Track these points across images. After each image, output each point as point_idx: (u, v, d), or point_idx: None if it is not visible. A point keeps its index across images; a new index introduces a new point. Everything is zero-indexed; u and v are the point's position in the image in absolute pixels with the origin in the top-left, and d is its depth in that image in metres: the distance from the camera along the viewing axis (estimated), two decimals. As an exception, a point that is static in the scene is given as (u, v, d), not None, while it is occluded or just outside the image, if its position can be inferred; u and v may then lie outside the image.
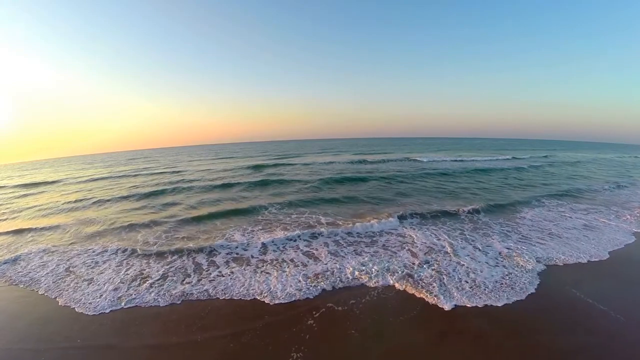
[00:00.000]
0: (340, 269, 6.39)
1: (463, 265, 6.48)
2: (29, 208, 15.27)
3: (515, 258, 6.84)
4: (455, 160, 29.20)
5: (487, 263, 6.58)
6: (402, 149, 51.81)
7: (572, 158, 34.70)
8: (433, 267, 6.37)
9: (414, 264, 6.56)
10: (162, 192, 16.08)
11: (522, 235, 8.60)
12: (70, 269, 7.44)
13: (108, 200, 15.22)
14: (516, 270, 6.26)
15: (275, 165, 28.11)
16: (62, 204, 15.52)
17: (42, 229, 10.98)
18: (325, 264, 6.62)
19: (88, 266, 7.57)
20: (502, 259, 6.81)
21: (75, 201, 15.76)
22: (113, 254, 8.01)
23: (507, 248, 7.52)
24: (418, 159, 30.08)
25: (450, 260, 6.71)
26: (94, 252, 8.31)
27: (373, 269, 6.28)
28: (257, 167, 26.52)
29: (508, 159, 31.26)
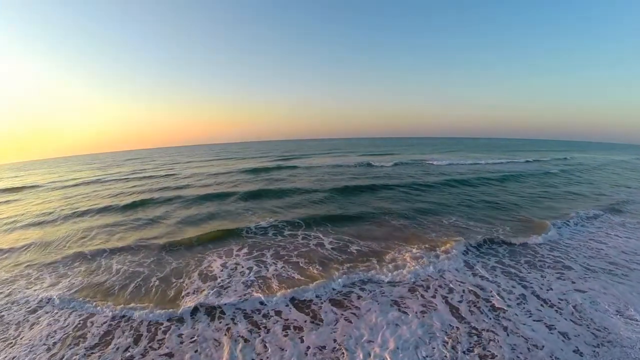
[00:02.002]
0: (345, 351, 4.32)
1: (540, 347, 4.11)
2: (-2, 219, 13.71)
3: (602, 313, 4.86)
4: (473, 164, 26.89)
5: (575, 336, 4.34)
6: (408, 150, 49.72)
7: (592, 160, 32.48)
8: (489, 355, 4.01)
9: (457, 343, 4.28)
10: (146, 203, 14.28)
11: (583, 266, 6.78)
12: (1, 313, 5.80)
13: (85, 213, 13.51)
14: (628, 349, 4.06)
15: (275, 168, 26.24)
16: (35, 215, 13.86)
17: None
18: (325, 336, 4.70)
19: (26, 310, 5.89)
20: (589, 323, 4.67)
21: (50, 212, 14.12)
22: (57, 298, 6.19)
23: (577, 290, 5.61)
24: (431, 162, 27.78)
25: (515, 331, 4.47)
26: (39, 292, 6.54)
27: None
28: (255, 171, 24.71)
29: (529, 161, 28.98)
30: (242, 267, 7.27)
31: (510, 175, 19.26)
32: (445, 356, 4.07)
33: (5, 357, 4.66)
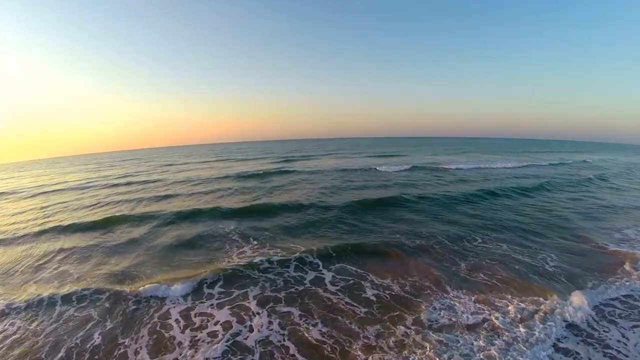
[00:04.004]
0: None
1: None
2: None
3: None
4: (495, 168, 24.45)
5: None
6: (415, 151, 47.60)
7: (607, 163, 30.40)
8: None
9: None
10: (120, 221, 12.06)
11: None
12: None
13: (51, 230, 11.57)
14: None
15: (275, 173, 24.10)
16: (-5, 232, 12.13)
17: None
18: None
19: None
20: None
21: (13, 230, 12.27)
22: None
23: None
24: (447, 166, 25.14)
25: None
26: None
27: None
28: (253, 176, 22.67)
29: (554, 164, 26.66)
30: (216, 321, 5.45)
31: (546, 182, 16.97)
32: None
33: None
